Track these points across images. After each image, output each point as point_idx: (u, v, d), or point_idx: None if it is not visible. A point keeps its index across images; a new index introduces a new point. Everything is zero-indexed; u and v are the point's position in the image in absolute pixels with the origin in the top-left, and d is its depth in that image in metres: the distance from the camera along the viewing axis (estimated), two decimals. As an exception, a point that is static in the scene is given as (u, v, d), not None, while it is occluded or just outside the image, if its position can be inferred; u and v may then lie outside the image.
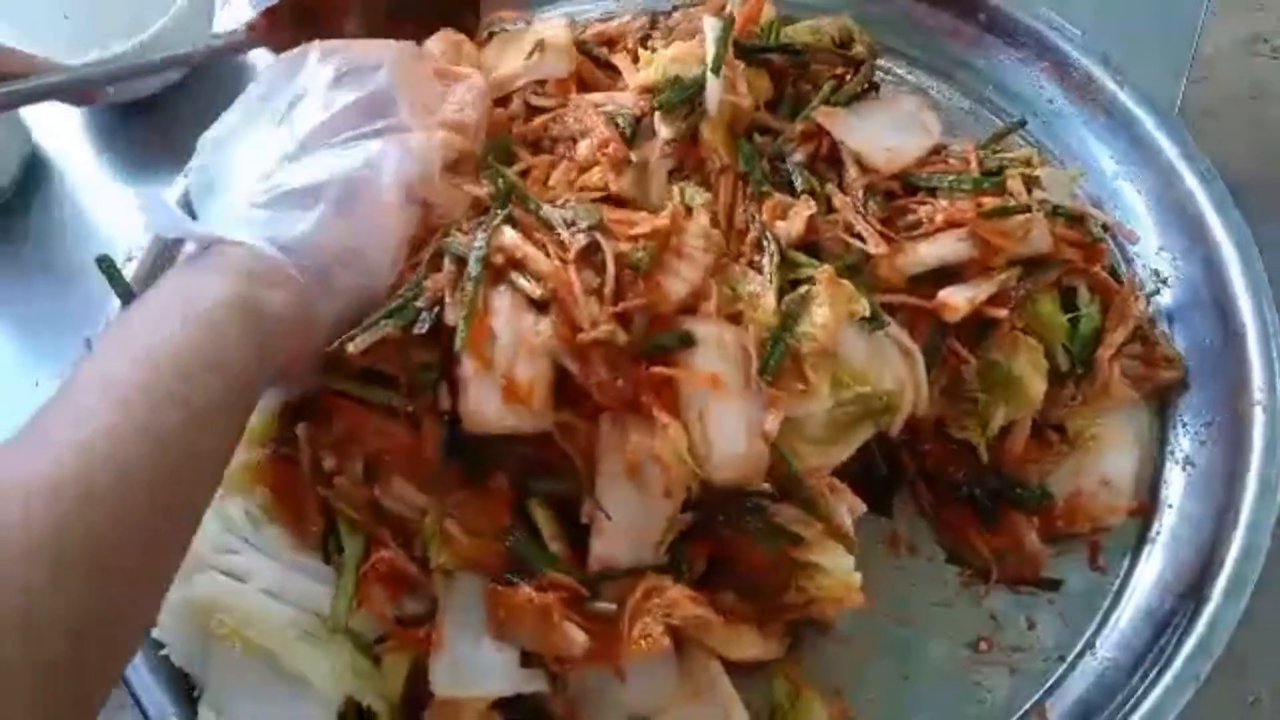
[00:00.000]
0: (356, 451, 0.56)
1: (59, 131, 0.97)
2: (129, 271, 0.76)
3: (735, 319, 0.57)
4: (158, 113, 0.94)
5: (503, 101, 0.70)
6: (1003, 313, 0.61)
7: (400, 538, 0.57)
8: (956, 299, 0.60)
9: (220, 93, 0.84)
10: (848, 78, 0.72)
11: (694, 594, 0.55)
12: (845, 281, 0.58)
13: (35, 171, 0.95)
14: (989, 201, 0.63)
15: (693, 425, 0.55)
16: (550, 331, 0.53)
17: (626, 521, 0.55)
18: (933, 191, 0.65)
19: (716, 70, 0.63)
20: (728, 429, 0.55)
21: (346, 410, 0.56)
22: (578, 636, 0.53)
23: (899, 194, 0.66)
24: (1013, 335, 0.62)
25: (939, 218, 0.62)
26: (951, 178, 0.64)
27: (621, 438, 0.54)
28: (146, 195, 0.54)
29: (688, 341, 0.55)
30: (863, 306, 0.57)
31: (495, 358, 0.53)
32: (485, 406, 0.53)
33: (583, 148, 0.64)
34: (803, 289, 0.58)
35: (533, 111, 0.69)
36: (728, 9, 0.73)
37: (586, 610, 0.54)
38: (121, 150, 0.96)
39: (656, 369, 0.55)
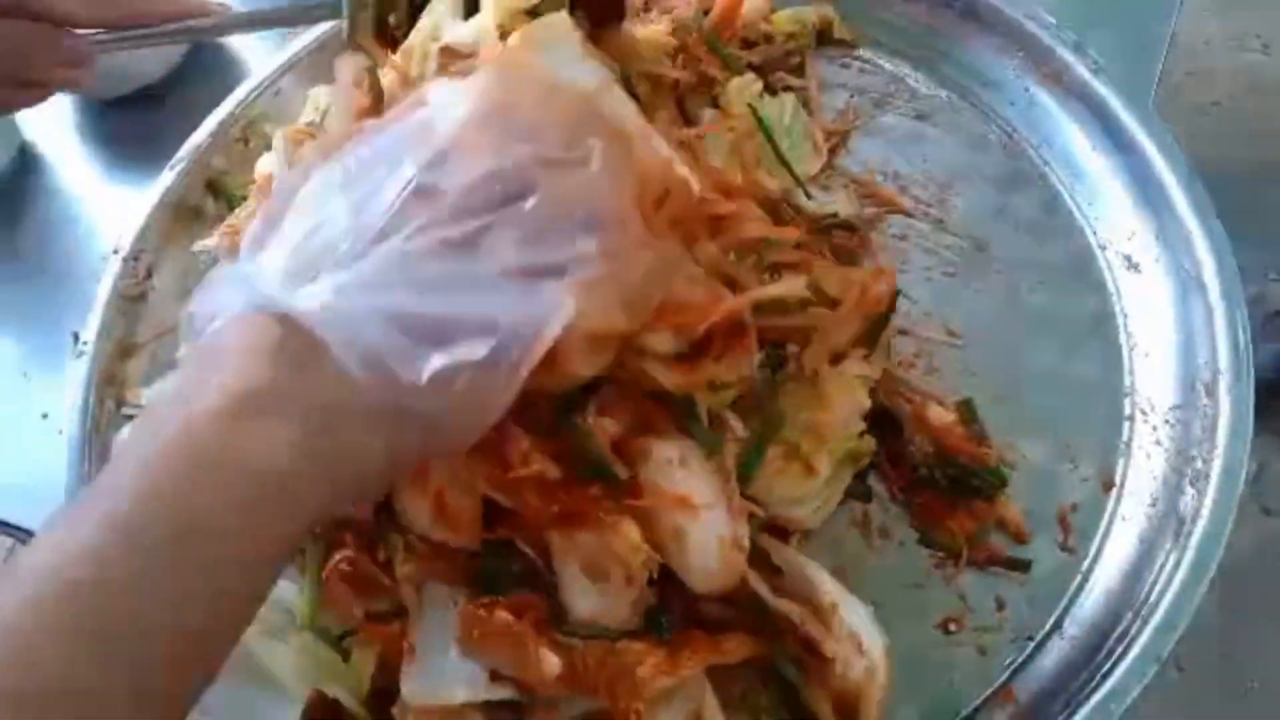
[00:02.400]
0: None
1: (49, 126, 0.98)
2: (111, 269, 0.77)
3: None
4: (148, 106, 0.95)
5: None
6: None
7: (365, 541, 0.57)
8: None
9: (210, 88, 0.86)
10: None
11: (663, 662, 0.54)
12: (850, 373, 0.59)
13: (25, 166, 0.96)
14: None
15: (667, 545, 0.54)
16: (478, 469, 0.52)
17: (591, 609, 0.54)
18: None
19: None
20: (704, 545, 0.53)
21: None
22: (551, 662, 0.52)
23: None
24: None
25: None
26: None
27: (572, 543, 0.53)
28: (225, 272, 0.42)
29: (626, 485, 0.53)
30: (864, 397, 0.59)
31: (429, 474, 0.53)
32: (417, 517, 0.54)
33: None
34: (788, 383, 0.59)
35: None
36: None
37: (558, 636, 0.54)
38: (111, 145, 0.97)
39: (606, 501, 0.53)
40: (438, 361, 0.39)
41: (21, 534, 0.75)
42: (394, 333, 0.39)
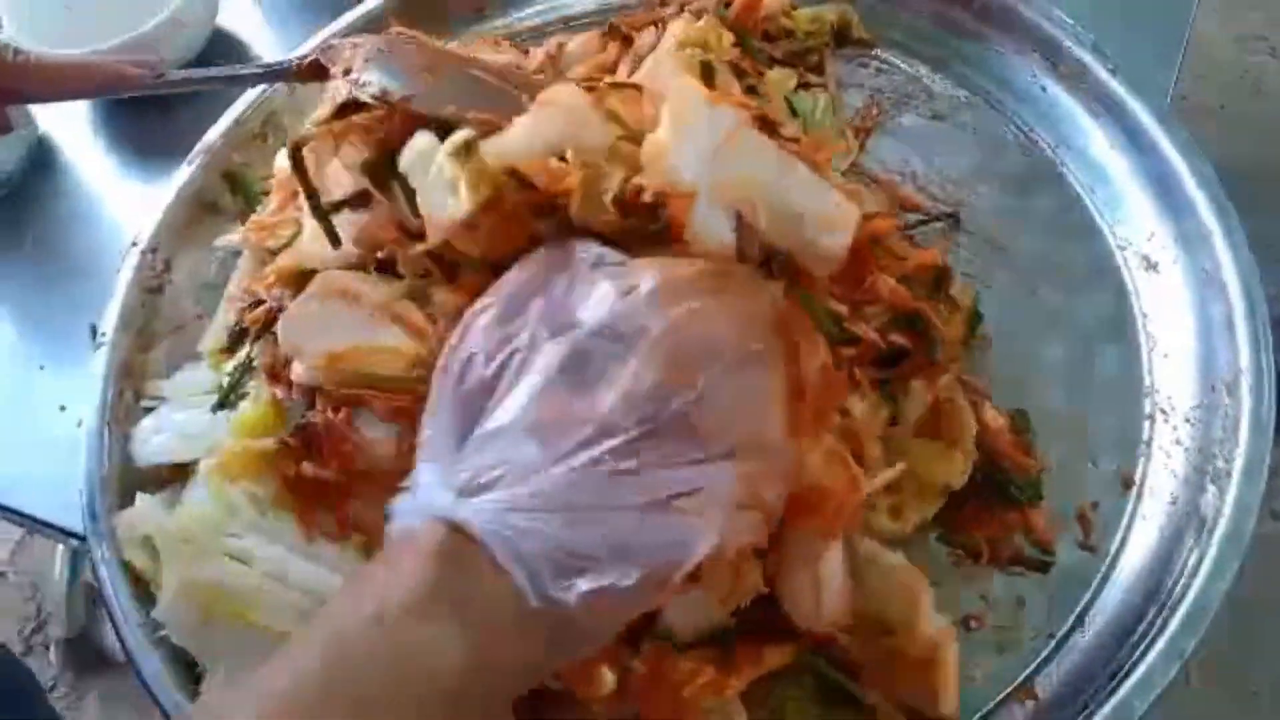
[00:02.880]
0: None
1: (65, 119, 0.98)
2: (129, 262, 0.77)
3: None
4: (165, 101, 0.95)
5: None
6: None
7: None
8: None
9: (225, 83, 0.86)
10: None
11: (712, 682, 0.55)
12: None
13: (42, 159, 0.96)
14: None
15: (787, 585, 0.55)
16: None
17: (679, 619, 0.55)
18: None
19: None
20: (828, 583, 0.55)
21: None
22: (607, 680, 0.52)
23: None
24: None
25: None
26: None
27: None
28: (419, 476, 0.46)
29: None
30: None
31: None
32: None
33: None
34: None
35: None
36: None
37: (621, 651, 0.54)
38: (128, 139, 0.97)
39: None
40: (585, 586, 0.42)
41: (38, 525, 0.75)
42: (550, 552, 0.42)
